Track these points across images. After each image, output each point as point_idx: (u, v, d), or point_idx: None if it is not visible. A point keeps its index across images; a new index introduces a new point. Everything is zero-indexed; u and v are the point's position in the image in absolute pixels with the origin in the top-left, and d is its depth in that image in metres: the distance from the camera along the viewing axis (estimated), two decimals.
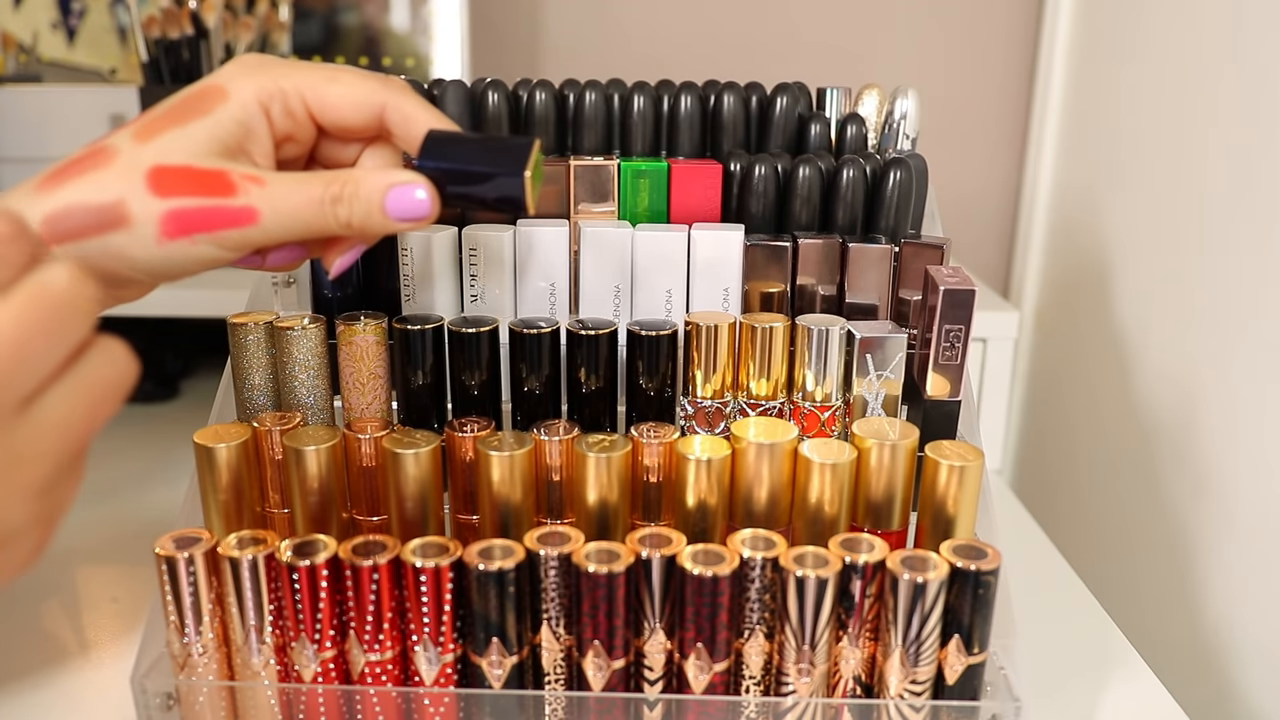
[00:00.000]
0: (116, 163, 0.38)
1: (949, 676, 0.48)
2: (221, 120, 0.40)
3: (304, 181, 0.40)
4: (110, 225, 0.38)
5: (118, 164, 0.38)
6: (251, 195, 0.39)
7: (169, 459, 0.90)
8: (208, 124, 0.40)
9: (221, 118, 0.40)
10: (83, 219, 0.38)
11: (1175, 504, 0.84)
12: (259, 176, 0.39)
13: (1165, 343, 0.87)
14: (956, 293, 0.52)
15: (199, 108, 0.40)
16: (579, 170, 0.59)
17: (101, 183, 0.38)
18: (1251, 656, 0.74)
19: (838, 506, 0.50)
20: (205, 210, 0.38)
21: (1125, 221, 0.96)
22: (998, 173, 1.22)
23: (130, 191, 0.38)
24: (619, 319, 0.58)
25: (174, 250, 0.39)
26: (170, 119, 0.40)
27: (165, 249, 0.38)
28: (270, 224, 0.39)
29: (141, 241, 0.38)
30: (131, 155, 0.39)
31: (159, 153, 0.39)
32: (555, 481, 0.51)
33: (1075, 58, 1.09)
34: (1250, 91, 0.77)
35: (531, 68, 1.20)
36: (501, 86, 0.63)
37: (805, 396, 0.54)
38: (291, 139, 0.43)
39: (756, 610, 0.47)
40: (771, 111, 0.64)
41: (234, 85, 0.41)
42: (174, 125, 0.39)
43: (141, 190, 0.38)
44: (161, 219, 0.38)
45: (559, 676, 0.49)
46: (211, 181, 0.39)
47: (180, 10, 1.01)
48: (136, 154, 0.39)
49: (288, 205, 0.39)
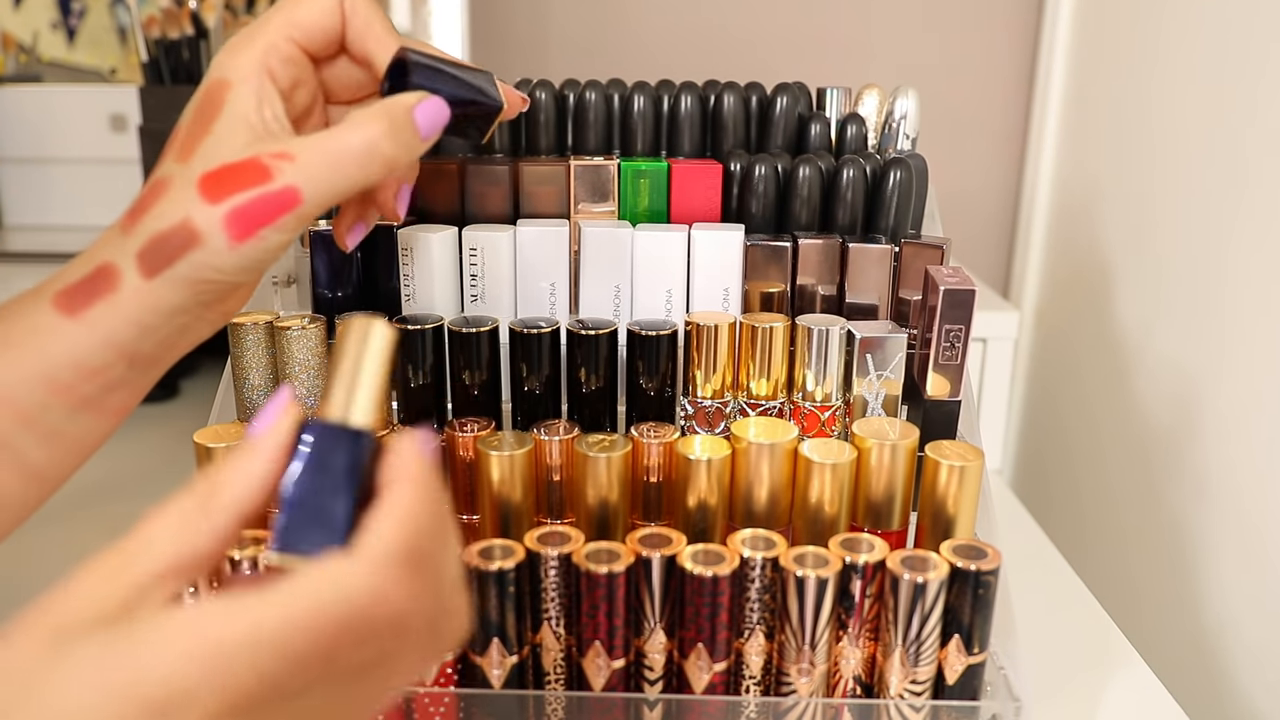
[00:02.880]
0: (172, 187, 0.40)
1: (949, 676, 0.48)
2: (237, 106, 0.41)
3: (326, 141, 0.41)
4: (186, 245, 0.40)
5: (174, 187, 0.40)
6: (286, 174, 0.40)
7: (169, 459, 0.90)
8: (227, 116, 0.41)
9: (236, 104, 0.41)
10: (163, 248, 0.40)
11: (1175, 503, 0.84)
12: (287, 152, 0.40)
13: (1165, 343, 0.87)
14: (956, 293, 0.52)
15: (213, 109, 0.41)
16: (579, 170, 0.59)
17: (166, 210, 0.40)
18: (1251, 656, 0.74)
19: (838, 506, 0.50)
20: (254, 203, 0.40)
21: (1125, 221, 0.96)
22: (998, 173, 1.22)
23: (190, 208, 0.39)
24: (619, 319, 0.58)
25: (248, 251, 0.40)
26: (198, 130, 0.41)
27: (239, 252, 0.40)
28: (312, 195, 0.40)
29: (218, 251, 0.40)
30: (182, 176, 0.40)
31: (202, 162, 0.40)
32: (555, 481, 0.51)
33: (1075, 58, 1.09)
34: (1250, 91, 0.77)
35: (532, 67, 1.20)
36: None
37: (805, 396, 0.54)
38: (301, 83, 0.45)
39: (756, 610, 0.47)
40: (771, 111, 0.64)
41: (231, 71, 0.42)
42: (203, 134, 0.41)
43: (198, 203, 0.39)
44: (225, 225, 0.39)
45: (559, 676, 0.49)
46: (247, 172, 0.40)
47: (180, 10, 1.01)
48: (186, 172, 0.40)
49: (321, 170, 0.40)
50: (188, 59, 1.02)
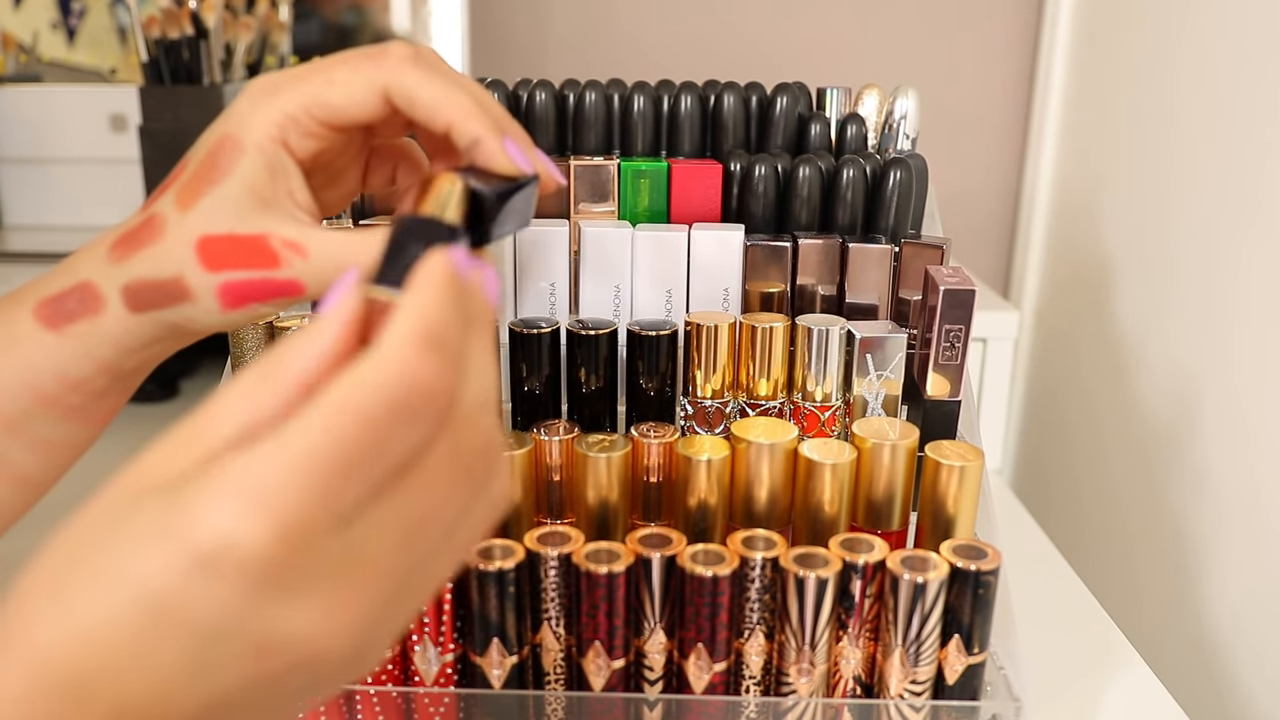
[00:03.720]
0: (168, 234, 0.39)
1: (949, 676, 0.48)
2: (247, 175, 0.39)
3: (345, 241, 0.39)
4: (176, 299, 0.40)
5: (169, 236, 0.39)
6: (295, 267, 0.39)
7: None
8: (235, 182, 0.39)
9: (246, 172, 0.39)
10: (152, 293, 0.40)
11: (1175, 503, 0.84)
12: (300, 244, 0.39)
13: (1165, 343, 0.87)
14: (956, 293, 0.52)
15: (223, 165, 0.39)
16: (579, 170, 0.59)
17: (160, 259, 0.39)
18: (1251, 656, 0.74)
19: (838, 506, 0.50)
20: (255, 283, 0.39)
21: (1125, 221, 0.96)
22: (998, 173, 1.22)
23: (186, 268, 0.39)
24: (619, 319, 0.58)
25: (237, 317, 0.40)
26: (203, 179, 0.39)
27: (228, 317, 0.40)
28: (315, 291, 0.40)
29: (207, 311, 0.40)
30: (179, 225, 0.39)
31: (203, 221, 0.39)
32: (555, 481, 0.51)
33: (1075, 58, 1.09)
34: (1250, 91, 0.77)
35: (531, 67, 1.20)
36: (501, 86, 0.63)
37: (805, 396, 0.54)
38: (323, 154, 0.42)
39: (756, 610, 0.47)
40: (771, 111, 0.64)
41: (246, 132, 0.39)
42: (209, 187, 0.39)
43: (195, 266, 0.39)
44: (219, 293, 0.39)
45: (559, 676, 0.49)
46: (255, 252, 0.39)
47: (180, 10, 1.01)
48: (183, 224, 0.39)
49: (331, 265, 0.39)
50: (188, 59, 1.02)
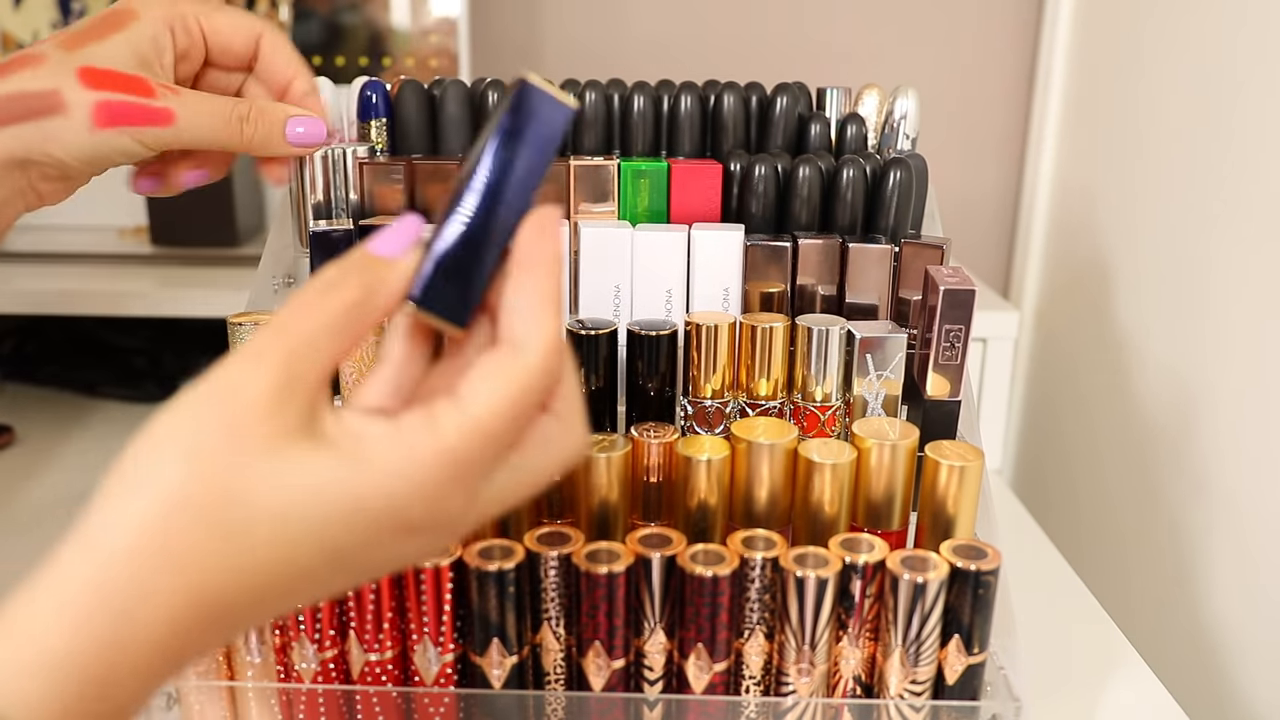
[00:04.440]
0: (49, 62, 0.44)
1: (949, 676, 0.48)
2: (134, 36, 0.46)
3: (213, 99, 0.47)
4: (49, 110, 0.43)
5: (50, 63, 0.44)
6: (169, 100, 0.45)
7: None
8: (124, 38, 0.46)
9: (135, 34, 0.46)
10: (25, 104, 0.43)
11: (1175, 503, 0.84)
12: (174, 87, 0.46)
13: (1165, 343, 0.87)
14: (956, 293, 0.52)
15: (115, 24, 0.46)
16: (579, 170, 0.59)
17: (37, 76, 0.44)
18: (1251, 655, 0.74)
19: (838, 506, 0.50)
20: (130, 105, 0.44)
21: (1125, 221, 0.96)
22: (998, 173, 1.22)
23: (64, 83, 0.44)
24: (619, 319, 0.58)
25: (101, 140, 0.44)
26: (90, 34, 0.45)
27: (95, 137, 0.44)
28: (184, 127, 0.45)
29: (75, 128, 0.44)
30: (61, 58, 0.44)
31: (85, 58, 0.44)
32: (555, 481, 0.51)
33: (1075, 58, 1.09)
34: (1250, 91, 0.77)
35: (531, 68, 1.20)
36: (501, 86, 0.63)
37: (805, 396, 0.54)
38: (186, 57, 0.49)
39: (756, 610, 0.47)
40: (771, 111, 0.64)
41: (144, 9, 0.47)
42: (95, 39, 0.45)
43: (74, 83, 0.44)
44: (93, 108, 0.44)
45: (559, 676, 0.49)
46: (134, 83, 0.45)
47: None
48: (65, 58, 0.44)
49: (199, 114, 0.46)
50: None
